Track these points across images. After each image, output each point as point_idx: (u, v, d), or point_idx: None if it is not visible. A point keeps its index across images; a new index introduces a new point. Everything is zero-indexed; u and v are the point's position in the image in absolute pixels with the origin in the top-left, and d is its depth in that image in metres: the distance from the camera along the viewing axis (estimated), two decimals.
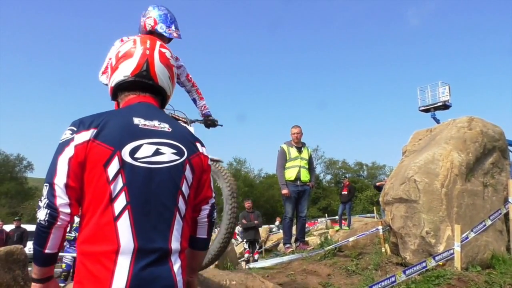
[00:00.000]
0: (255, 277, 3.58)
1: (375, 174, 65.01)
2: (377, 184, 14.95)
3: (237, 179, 58.84)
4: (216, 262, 5.27)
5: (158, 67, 1.69)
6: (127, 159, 1.45)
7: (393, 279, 4.14)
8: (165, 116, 1.67)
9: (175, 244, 1.47)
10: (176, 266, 1.45)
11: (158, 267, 1.40)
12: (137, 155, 1.47)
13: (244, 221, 12.18)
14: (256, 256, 11.96)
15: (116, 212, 1.40)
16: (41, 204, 1.41)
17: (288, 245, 7.78)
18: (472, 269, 4.69)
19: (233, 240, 18.32)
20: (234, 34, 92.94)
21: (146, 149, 1.50)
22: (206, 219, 1.71)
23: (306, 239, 9.07)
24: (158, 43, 1.76)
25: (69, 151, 1.44)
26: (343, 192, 16.25)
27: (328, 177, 68.25)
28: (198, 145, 1.68)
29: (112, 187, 1.41)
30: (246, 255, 12.33)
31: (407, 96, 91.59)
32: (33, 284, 1.47)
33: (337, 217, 19.13)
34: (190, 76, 3.97)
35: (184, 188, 1.55)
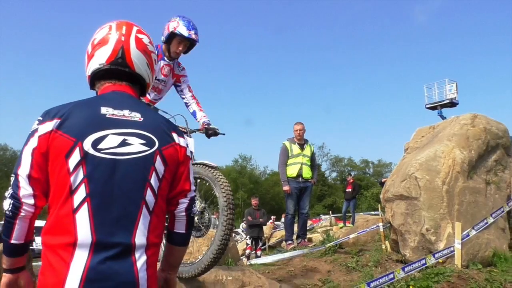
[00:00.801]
0: (252, 273, 3.57)
1: (381, 171, 64.74)
2: (383, 180, 14.89)
3: (243, 175, 58.94)
4: None
5: (135, 54, 1.64)
6: (89, 150, 1.40)
7: (391, 276, 4.12)
8: (139, 105, 1.60)
9: (140, 239, 1.41)
10: (140, 261, 1.39)
11: (119, 262, 1.35)
12: (100, 146, 1.42)
13: (249, 218, 12.23)
14: (258, 253, 11.99)
15: (75, 205, 1.36)
16: (6, 194, 1.40)
17: (289, 242, 7.78)
18: (473, 267, 4.66)
19: (237, 237, 18.37)
20: (237, 33, 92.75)
21: (111, 140, 1.44)
22: (183, 213, 1.63)
23: (310, 236, 9.06)
24: (135, 28, 1.69)
25: (33, 142, 1.42)
26: (347, 190, 16.21)
27: (334, 174, 68.17)
28: (175, 135, 1.61)
29: (72, 178, 1.38)
30: (248, 251, 12.37)
31: (414, 94, 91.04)
32: (3, 274, 1.46)
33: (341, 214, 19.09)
34: (191, 88, 4.15)
35: (153, 181, 1.48)
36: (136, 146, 1.48)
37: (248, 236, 12.68)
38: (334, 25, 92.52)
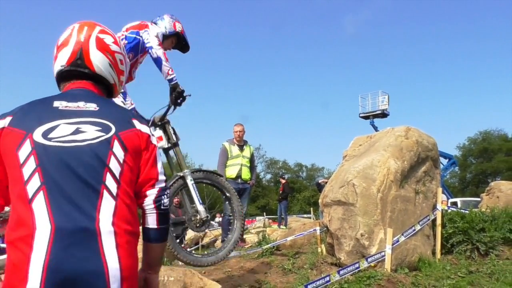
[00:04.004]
0: (194, 274, 3.54)
1: (313, 175, 66.57)
2: (320, 181, 15.40)
3: None
4: None
5: (94, 55, 1.63)
6: (39, 140, 1.39)
7: (327, 278, 4.26)
8: (96, 98, 1.58)
9: (105, 225, 1.35)
10: (108, 248, 1.33)
11: (83, 248, 1.29)
12: (51, 135, 1.41)
13: (172, 215, 12.08)
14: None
15: (30, 195, 1.33)
16: None
17: None
18: (401, 271, 4.95)
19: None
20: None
21: (63, 129, 1.43)
22: (152, 206, 1.55)
23: (244, 236, 9.15)
24: (98, 28, 1.68)
25: None
26: (280, 191, 16.58)
27: (268, 176, 69.16)
28: (136, 122, 1.58)
29: (24, 170, 1.35)
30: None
31: (347, 102, 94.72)
32: None
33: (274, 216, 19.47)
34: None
35: (113, 165, 1.44)
36: (90, 133, 1.45)
37: (174, 235, 12.52)
38: (272, 26, 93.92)
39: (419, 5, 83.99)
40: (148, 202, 1.55)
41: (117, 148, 1.46)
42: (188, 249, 11.62)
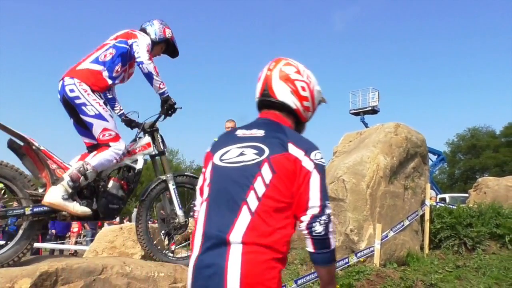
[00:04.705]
0: (184, 269, 3.53)
1: None
2: None
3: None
4: (144, 253, 5.18)
5: (276, 84, 1.85)
6: (216, 161, 1.73)
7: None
8: (268, 125, 1.79)
9: (236, 236, 1.52)
10: (234, 256, 1.49)
11: (215, 254, 1.52)
12: (223, 157, 1.73)
13: (162, 212, 12.03)
14: (172, 247, 11.88)
15: (202, 203, 1.71)
16: None
17: None
18: (389, 266, 5.02)
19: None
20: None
21: (232, 152, 1.72)
22: (306, 232, 1.59)
23: None
24: (283, 62, 1.90)
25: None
26: None
27: None
28: (291, 145, 1.66)
29: (205, 184, 1.74)
30: (173, 246, 12.22)
31: (338, 98, 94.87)
32: None
33: None
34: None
35: (258, 185, 1.60)
36: (248, 155, 1.69)
37: (162, 232, 12.50)
38: (265, 22, 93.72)
39: (407, 0, 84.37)
40: (302, 228, 1.63)
41: (265, 170, 1.63)
42: (178, 246, 11.65)
